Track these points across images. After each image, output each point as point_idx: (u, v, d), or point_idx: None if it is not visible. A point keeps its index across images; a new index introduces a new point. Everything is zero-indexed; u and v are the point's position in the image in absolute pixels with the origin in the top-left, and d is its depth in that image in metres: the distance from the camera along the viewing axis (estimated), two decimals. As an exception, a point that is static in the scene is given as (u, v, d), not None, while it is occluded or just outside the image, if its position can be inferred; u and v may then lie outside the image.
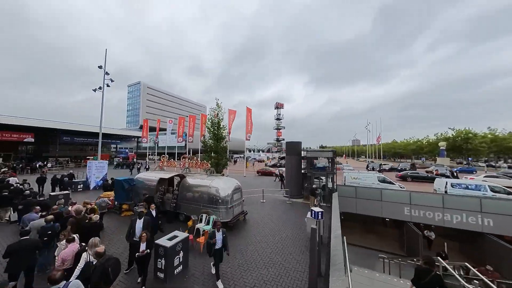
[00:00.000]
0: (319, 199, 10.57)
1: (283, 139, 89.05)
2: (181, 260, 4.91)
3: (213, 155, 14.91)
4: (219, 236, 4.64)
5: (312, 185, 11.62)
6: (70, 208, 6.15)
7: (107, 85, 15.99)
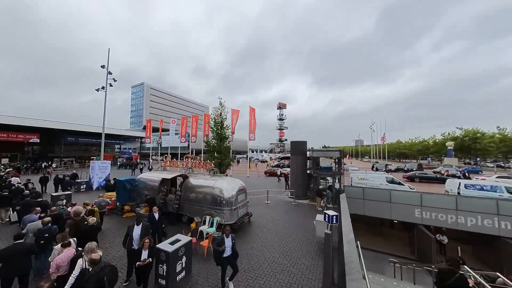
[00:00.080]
0: (326, 201, 10.21)
1: (286, 140, 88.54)
2: (183, 265, 4.63)
3: (216, 155, 14.67)
4: (228, 242, 4.24)
5: (318, 186, 11.25)
6: (69, 209, 5.94)
7: (110, 85, 15.90)
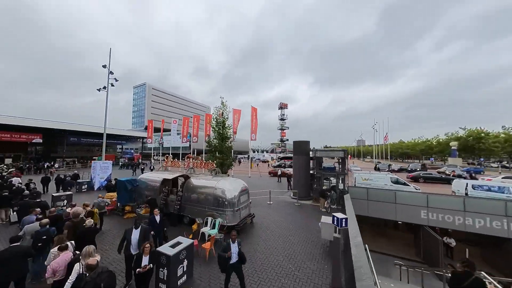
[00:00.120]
0: (329, 202, 10.01)
1: (287, 140, 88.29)
2: (185, 269, 4.48)
3: (218, 155, 14.52)
4: (234, 248, 4.01)
5: (322, 186, 11.06)
6: (69, 209, 5.82)
7: (112, 85, 15.85)
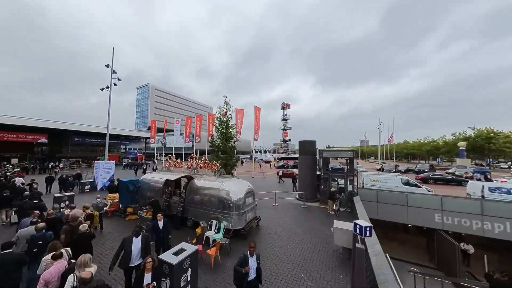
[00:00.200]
0: (338, 204, 9.58)
1: (290, 140, 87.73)
2: (189, 278, 4.12)
3: (222, 155, 14.21)
4: (252, 262, 3.44)
5: (330, 188, 10.63)
6: (68, 211, 5.54)
7: (115, 84, 15.71)
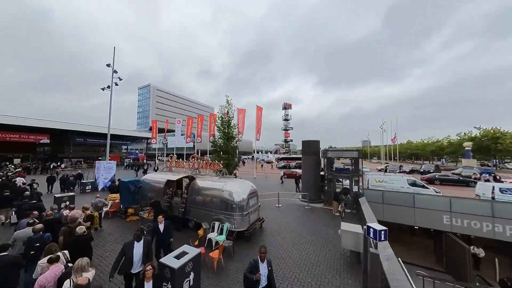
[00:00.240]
0: (343, 205, 9.34)
1: (291, 140, 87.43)
2: (191, 283, 3.94)
3: (223, 155, 14.05)
4: (263, 269, 3.23)
5: (335, 189, 10.40)
6: (67, 212, 5.39)
7: (116, 84, 15.65)
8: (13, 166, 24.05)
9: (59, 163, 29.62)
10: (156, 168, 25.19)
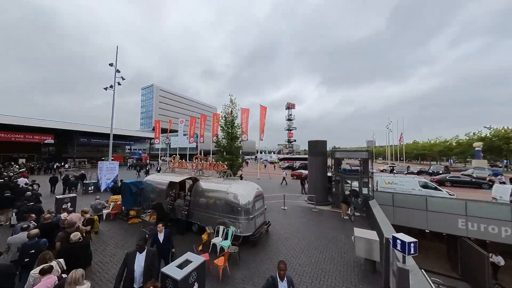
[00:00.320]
0: (353, 208, 8.94)
1: (295, 140, 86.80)
2: (195, 295, 3.64)
3: (227, 156, 13.77)
4: None
5: (343, 191, 10.00)
6: (65, 215, 5.13)
7: (118, 83, 15.53)
8: (17, 166, 24.21)
9: (62, 163, 29.78)
10: (158, 168, 25.06)
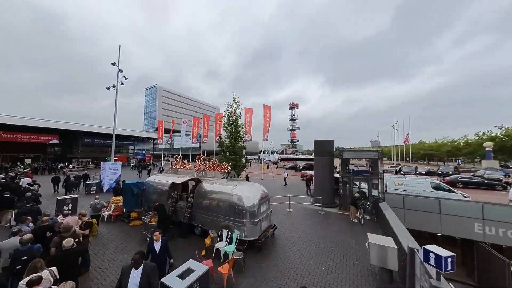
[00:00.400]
0: (363, 211, 8.53)
1: (298, 140, 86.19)
2: (198, 308, 3.34)
3: (230, 156, 13.48)
4: None
5: (352, 193, 9.59)
6: (61, 218, 4.90)
7: (121, 83, 15.42)
8: (22, 166, 24.44)
9: (67, 164, 30.00)
10: (161, 169, 24.95)
